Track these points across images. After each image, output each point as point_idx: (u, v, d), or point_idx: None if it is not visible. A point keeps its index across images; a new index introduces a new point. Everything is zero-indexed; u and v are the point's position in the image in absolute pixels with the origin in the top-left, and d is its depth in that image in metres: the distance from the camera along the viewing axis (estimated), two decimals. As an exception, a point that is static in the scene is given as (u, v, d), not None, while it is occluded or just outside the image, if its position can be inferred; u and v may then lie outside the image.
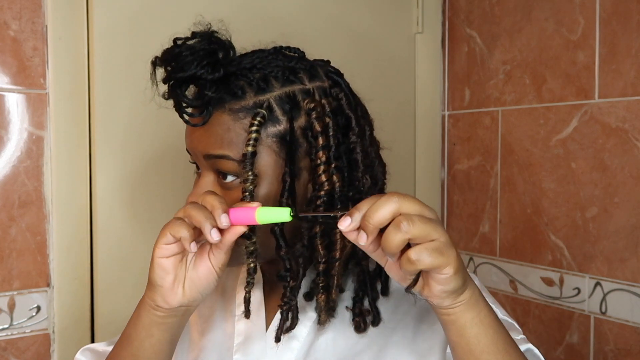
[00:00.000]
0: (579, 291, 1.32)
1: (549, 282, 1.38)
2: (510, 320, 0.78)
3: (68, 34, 1.12)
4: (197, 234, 0.66)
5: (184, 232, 0.63)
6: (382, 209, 0.56)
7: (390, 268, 0.62)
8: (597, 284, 1.28)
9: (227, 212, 0.63)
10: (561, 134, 1.34)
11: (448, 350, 0.72)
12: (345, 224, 0.58)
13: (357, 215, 0.57)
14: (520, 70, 1.42)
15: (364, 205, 0.57)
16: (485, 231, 1.51)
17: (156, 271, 0.67)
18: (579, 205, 1.31)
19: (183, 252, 0.68)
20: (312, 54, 0.78)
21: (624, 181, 1.23)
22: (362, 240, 0.57)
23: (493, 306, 0.78)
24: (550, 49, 1.35)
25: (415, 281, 0.59)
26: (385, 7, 1.50)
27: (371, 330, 0.74)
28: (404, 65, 1.55)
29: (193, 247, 0.64)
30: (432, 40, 1.58)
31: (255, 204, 0.65)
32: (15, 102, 1.09)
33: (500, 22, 1.46)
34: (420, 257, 0.55)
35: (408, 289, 0.60)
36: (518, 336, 0.75)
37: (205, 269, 0.67)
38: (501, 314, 0.77)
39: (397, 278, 0.62)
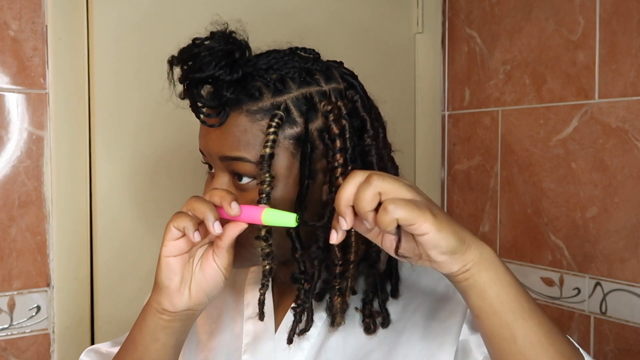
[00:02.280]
0: (579, 291, 1.32)
1: (549, 282, 1.38)
2: None
3: (68, 34, 1.12)
4: (204, 232, 0.66)
5: (187, 222, 0.64)
6: (366, 195, 0.57)
7: (386, 245, 0.62)
8: (597, 284, 1.28)
9: (236, 200, 0.64)
10: (561, 134, 1.34)
11: (458, 343, 0.72)
12: (333, 238, 0.60)
13: (343, 222, 0.59)
14: (520, 70, 1.42)
15: (342, 206, 0.59)
16: (485, 231, 1.51)
17: (163, 271, 0.66)
18: (579, 205, 1.31)
19: (190, 252, 0.68)
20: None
21: (624, 181, 1.23)
22: (366, 226, 0.59)
23: None
24: (550, 49, 1.35)
25: (398, 240, 0.59)
26: (385, 7, 1.50)
27: (381, 329, 0.74)
28: (404, 66, 1.55)
29: (196, 236, 0.64)
30: (432, 40, 1.58)
31: (264, 206, 0.65)
32: (15, 102, 1.09)
33: (500, 22, 1.46)
34: (396, 204, 0.55)
35: (397, 252, 0.60)
36: None
37: (211, 270, 0.67)
38: None
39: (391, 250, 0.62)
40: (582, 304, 1.31)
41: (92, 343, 1.16)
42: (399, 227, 0.57)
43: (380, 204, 0.57)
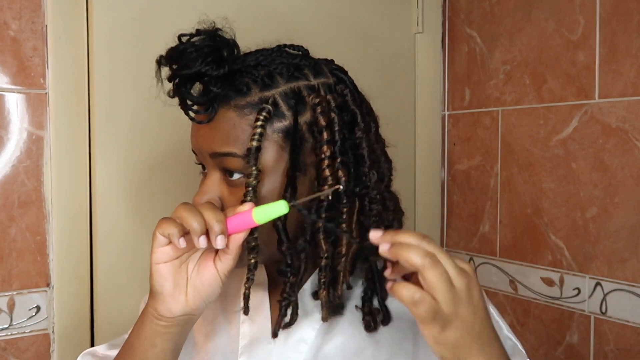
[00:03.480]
0: (579, 291, 1.31)
1: (549, 282, 1.38)
2: (514, 340, 0.77)
3: (68, 34, 1.12)
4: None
5: (172, 229, 0.63)
6: (412, 253, 0.58)
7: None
8: (597, 284, 1.28)
9: (224, 231, 0.63)
10: (561, 134, 1.34)
11: None
12: (377, 235, 0.61)
13: (389, 237, 0.60)
14: (520, 70, 1.42)
15: (403, 236, 0.60)
16: (485, 231, 1.51)
17: (154, 277, 0.66)
18: (579, 205, 1.31)
19: (181, 258, 0.67)
20: (312, 54, 0.78)
21: (624, 181, 1.23)
22: (381, 249, 0.60)
23: (499, 320, 0.77)
24: (550, 49, 1.35)
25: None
26: (385, 7, 1.50)
27: (382, 334, 0.74)
28: (404, 65, 1.55)
29: (182, 242, 0.63)
30: (432, 40, 1.58)
31: (247, 205, 0.64)
32: (15, 102, 1.09)
33: (500, 22, 1.46)
34: (424, 302, 0.57)
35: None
36: None
37: (210, 276, 0.67)
38: (506, 330, 0.77)
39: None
40: (582, 304, 1.31)
41: (92, 343, 1.16)
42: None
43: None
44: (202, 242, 0.63)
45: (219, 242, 0.63)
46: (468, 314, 0.58)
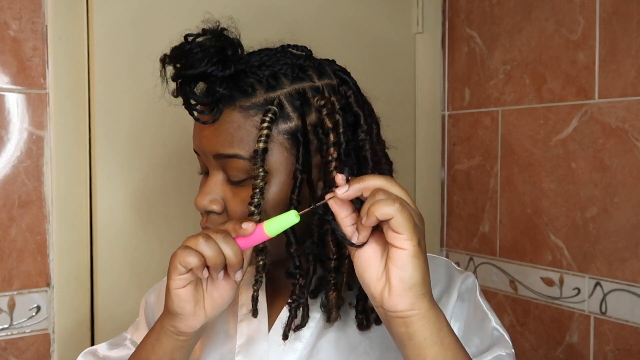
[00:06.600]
0: (579, 291, 1.32)
1: (549, 282, 1.38)
2: (501, 330, 0.76)
3: (68, 34, 1.12)
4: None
5: (195, 262, 0.63)
6: (371, 180, 0.61)
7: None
8: (597, 284, 1.28)
9: (241, 263, 0.64)
10: (561, 134, 1.34)
11: None
12: (342, 190, 0.62)
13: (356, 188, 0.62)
14: (520, 70, 1.42)
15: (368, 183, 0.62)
16: (485, 231, 1.51)
17: (175, 302, 0.66)
18: (579, 205, 1.31)
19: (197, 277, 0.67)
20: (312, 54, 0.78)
21: (624, 181, 1.23)
22: (340, 191, 0.61)
23: (488, 312, 0.77)
24: (550, 49, 1.35)
25: (366, 236, 0.61)
26: (385, 7, 1.50)
27: (375, 332, 0.74)
28: (404, 65, 1.55)
29: (206, 273, 0.64)
30: (432, 40, 1.58)
31: (250, 225, 0.64)
32: (15, 102, 1.09)
33: (500, 22, 1.46)
34: (404, 207, 0.58)
35: (352, 244, 0.61)
36: (504, 351, 0.73)
37: (227, 284, 0.68)
38: (494, 322, 0.76)
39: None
40: (582, 304, 1.31)
41: (92, 343, 1.16)
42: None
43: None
44: (220, 276, 0.65)
45: (238, 276, 0.65)
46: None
